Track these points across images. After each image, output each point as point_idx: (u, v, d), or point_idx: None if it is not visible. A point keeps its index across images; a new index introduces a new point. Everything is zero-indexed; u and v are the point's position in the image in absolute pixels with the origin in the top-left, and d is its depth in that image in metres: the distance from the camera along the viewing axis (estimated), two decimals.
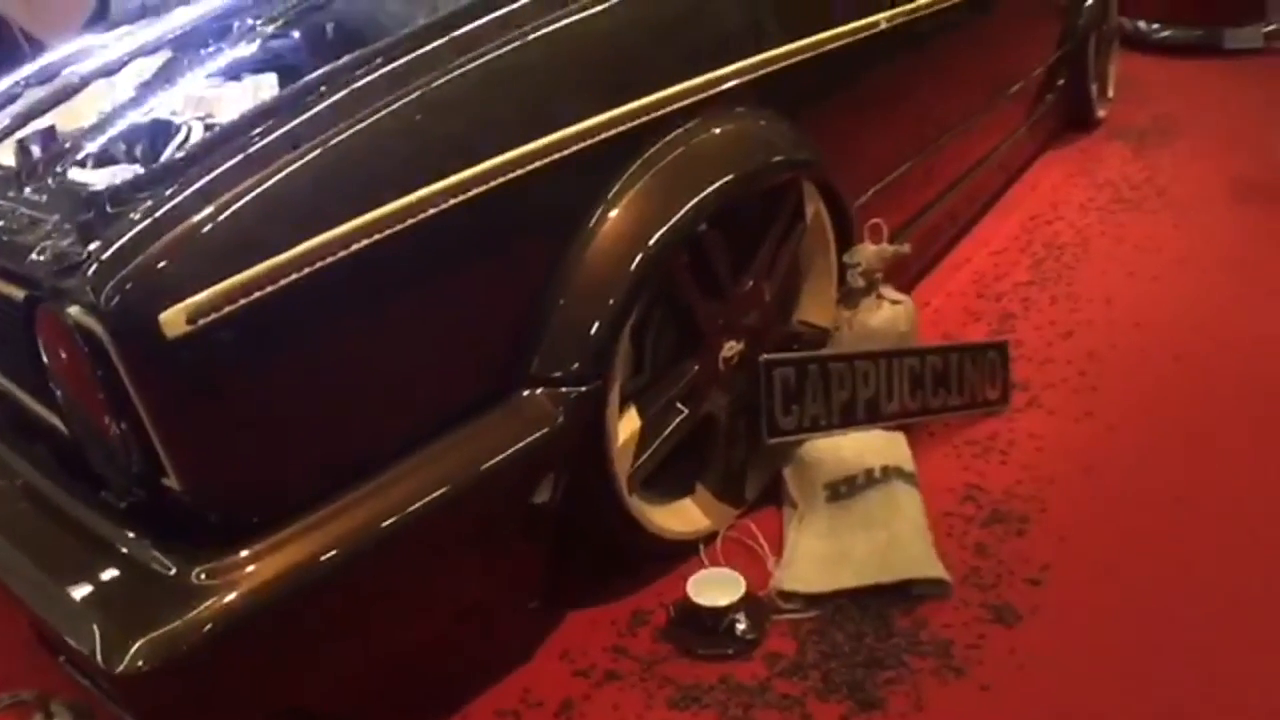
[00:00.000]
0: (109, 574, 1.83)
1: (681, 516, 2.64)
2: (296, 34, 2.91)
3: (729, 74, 2.53)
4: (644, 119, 2.31)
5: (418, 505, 1.94)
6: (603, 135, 2.22)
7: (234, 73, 2.57)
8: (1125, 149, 5.82)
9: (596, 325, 2.18)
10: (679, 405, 2.54)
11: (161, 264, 1.64)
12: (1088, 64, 5.82)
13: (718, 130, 2.49)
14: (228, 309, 1.65)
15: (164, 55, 2.84)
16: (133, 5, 3.70)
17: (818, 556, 2.56)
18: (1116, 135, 6.06)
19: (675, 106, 2.39)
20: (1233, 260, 4.32)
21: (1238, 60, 8.13)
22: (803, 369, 2.69)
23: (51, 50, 3.20)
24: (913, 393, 2.93)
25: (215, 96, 2.49)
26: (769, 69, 2.65)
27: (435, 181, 1.92)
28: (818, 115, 2.90)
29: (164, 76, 2.71)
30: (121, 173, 2.25)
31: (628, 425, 2.38)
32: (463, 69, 2.06)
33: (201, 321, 1.63)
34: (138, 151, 2.37)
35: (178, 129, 2.38)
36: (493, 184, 2.01)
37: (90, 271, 1.66)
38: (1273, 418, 3.18)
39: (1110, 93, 6.44)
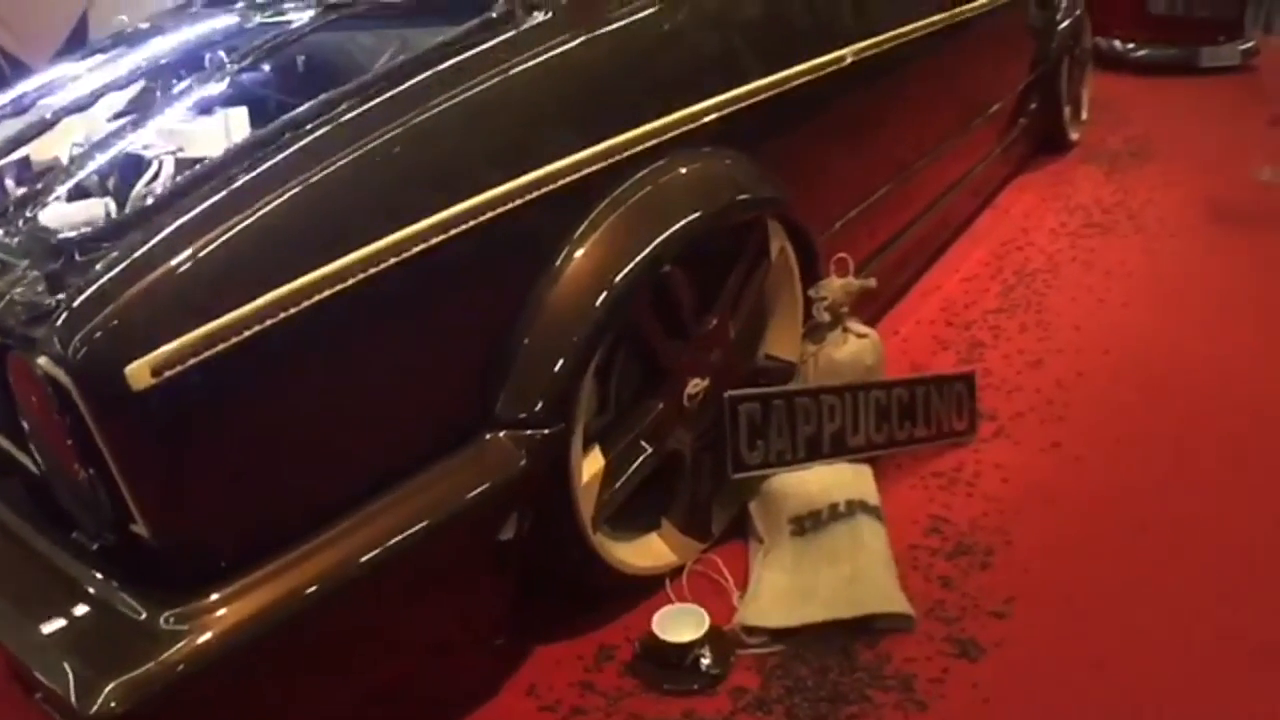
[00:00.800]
0: (82, 616, 1.88)
1: (647, 552, 2.69)
2: (267, 67, 2.96)
3: (695, 114, 2.59)
4: (610, 160, 2.36)
5: (383, 548, 1.99)
6: (570, 177, 2.27)
7: (205, 106, 2.60)
8: (1098, 172, 5.91)
9: (559, 368, 2.23)
10: (643, 444, 2.59)
11: (126, 317, 1.68)
12: (1060, 87, 5.91)
13: (684, 170, 2.54)
14: (192, 361, 1.70)
15: (136, 87, 2.88)
16: (112, 26, 3.74)
17: (782, 591, 2.60)
18: (1090, 158, 6.15)
19: (641, 147, 2.44)
20: (1201, 285, 4.41)
21: (1214, 79, 8.22)
22: (768, 404, 2.74)
23: (31, 75, 3.23)
24: (879, 425, 2.98)
25: (186, 130, 2.53)
26: (735, 107, 2.71)
27: (401, 228, 1.97)
28: (785, 151, 2.97)
29: (136, 109, 2.77)
30: (93, 208, 2.31)
31: (591, 465, 2.43)
32: (428, 114, 2.11)
33: (167, 374, 1.67)
34: (110, 184, 2.41)
35: (149, 163, 2.43)
36: (460, 228, 2.05)
37: (58, 322, 1.70)
38: (1239, 445, 3.25)
39: (1084, 115, 6.53)
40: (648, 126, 2.45)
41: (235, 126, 2.59)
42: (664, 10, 2.62)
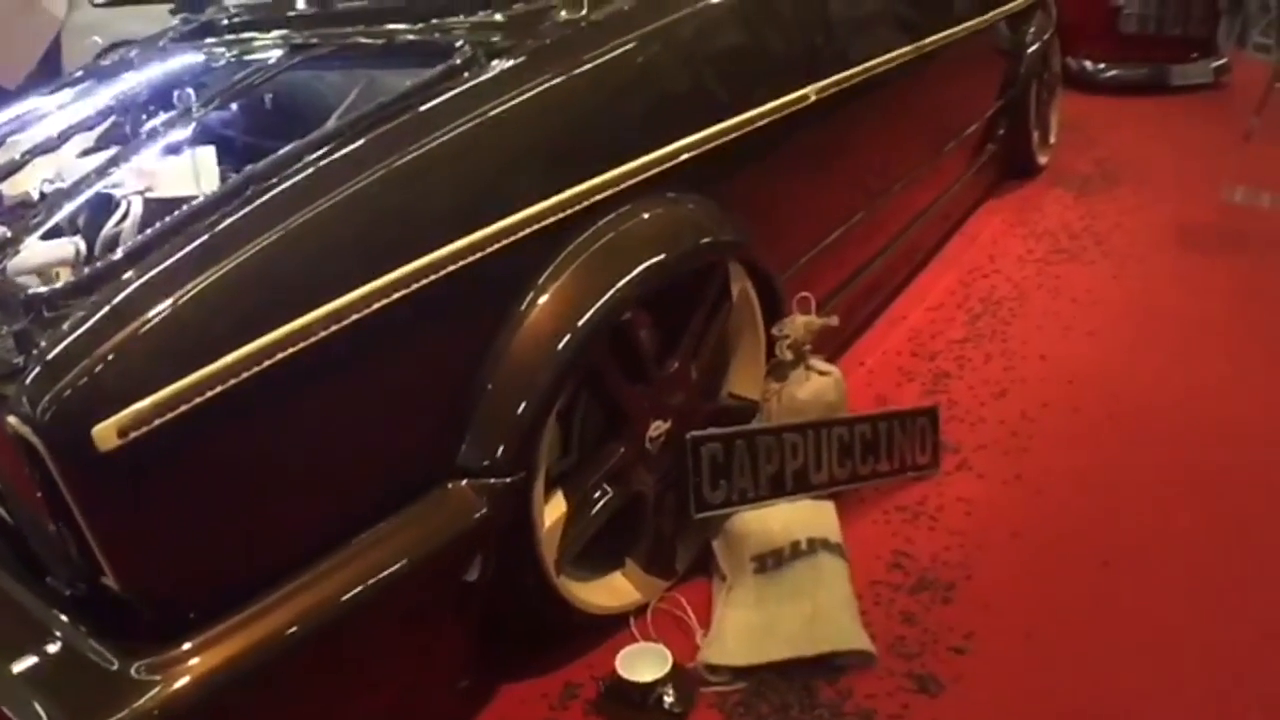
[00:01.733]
0: (55, 664, 1.95)
1: (611, 591, 2.75)
2: (235, 107, 3.02)
3: (658, 159, 2.66)
4: (575, 208, 2.44)
5: (347, 597, 2.05)
6: (534, 226, 2.34)
7: (173, 145, 2.66)
8: (1066, 196, 6.00)
9: (521, 415, 2.29)
10: (606, 487, 2.66)
11: (93, 378, 1.74)
12: (1029, 112, 5.99)
13: (647, 215, 2.61)
14: (158, 421, 1.76)
15: (105, 124, 2.94)
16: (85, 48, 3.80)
17: (745, 628, 2.67)
18: (1058, 182, 6.24)
19: (605, 194, 2.51)
20: (1170, 311, 4.49)
21: (1186, 97, 8.31)
22: (730, 444, 2.81)
23: (3, 97, 3.29)
24: (841, 461, 3.06)
25: (154, 170, 2.59)
26: (698, 151, 2.78)
27: (366, 283, 2.03)
28: (748, 192, 3.05)
29: (105, 146, 2.83)
30: (63, 248, 2.37)
31: (554, 510, 2.49)
32: (392, 167, 2.17)
33: (133, 435, 1.74)
34: (80, 222, 2.46)
35: (118, 203, 2.48)
36: (425, 281, 2.12)
37: (26, 382, 1.76)
38: (1205, 475, 3.33)
39: (1052, 139, 6.61)
40: (611, 174, 2.52)
41: (203, 166, 2.65)
42: (626, 57, 2.69)
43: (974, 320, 4.45)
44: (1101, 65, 8.84)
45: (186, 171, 2.65)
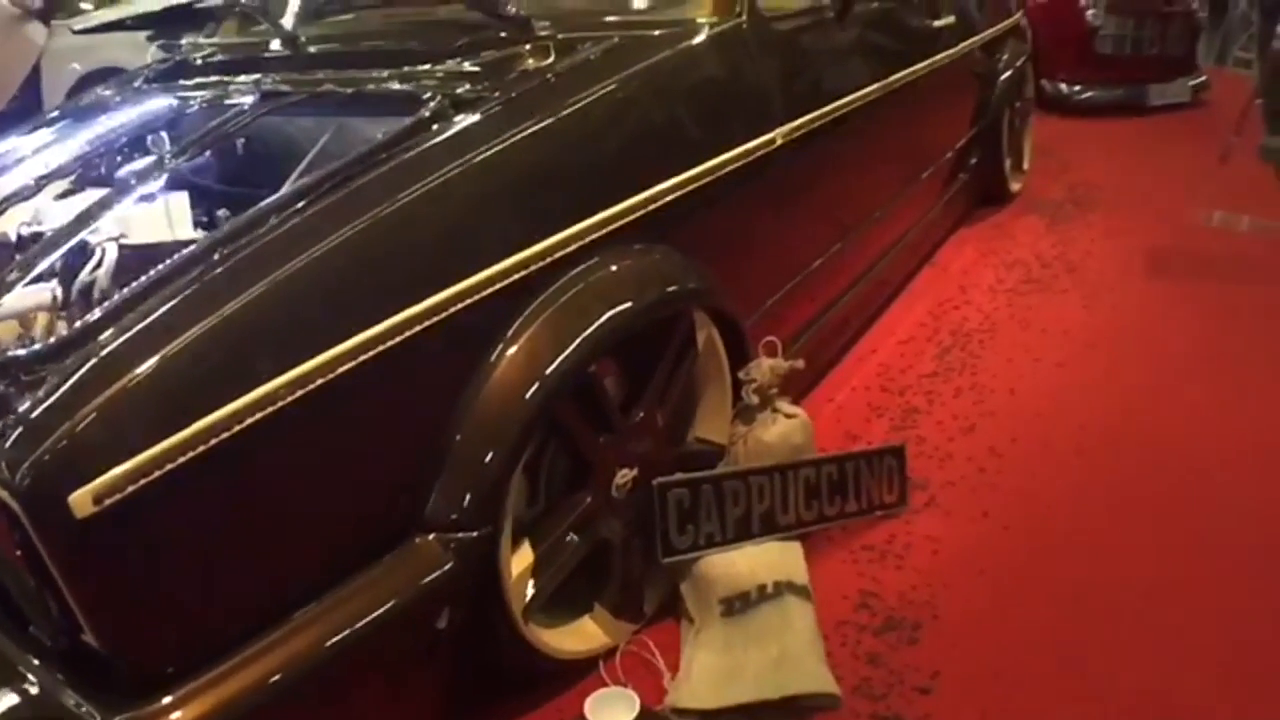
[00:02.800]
0: (35, 716, 2.03)
1: (580, 636, 2.83)
2: (207, 154, 3.10)
3: (626, 210, 2.75)
4: (543, 262, 2.52)
5: (320, 652, 2.13)
6: (503, 282, 2.42)
7: (148, 191, 2.72)
8: (1039, 223, 6.09)
9: (488, 468, 2.37)
10: (573, 535, 2.74)
11: (67, 446, 1.82)
12: (1001, 140, 6.09)
13: (614, 267, 2.69)
14: (130, 488, 1.84)
15: (81, 168, 3.01)
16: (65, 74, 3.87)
17: (712, 671, 2.75)
18: (1031, 208, 6.33)
19: (573, 247, 2.60)
20: (1140, 339, 4.60)
21: (1163, 117, 8.39)
22: (696, 489, 2.89)
23: None
24: (808, 503, 3.14)
25: (128, 216, 2.65)
26: (665, 200, 2.87)
27: (337, 344, 2.11)
28: (716, 238, 3.15)
29: (81, 189, 2.90)
30: (40, 294, 2.44)
31: (521, 559, 2.58)
32: (362, 226, 2.25)
33: (107, 501, 1.82)
34: (56, 267, 2.53)
35: (93, 250, 2.55)
36: (397, 338, 2.20)
37: (5, 446, 1.84)
38: (1173, 510, 3.41)
39: (1025, 165, 6.70)
40: (579, 226, 2.61)
41: (176, 212, 2.72)
42: (592, 108, 2.78)
43: (944, 353, 4.54)
44: (1078, 87, 8.95)
45: (160, 218, 2.71)
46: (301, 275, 2.13)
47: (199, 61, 3.74)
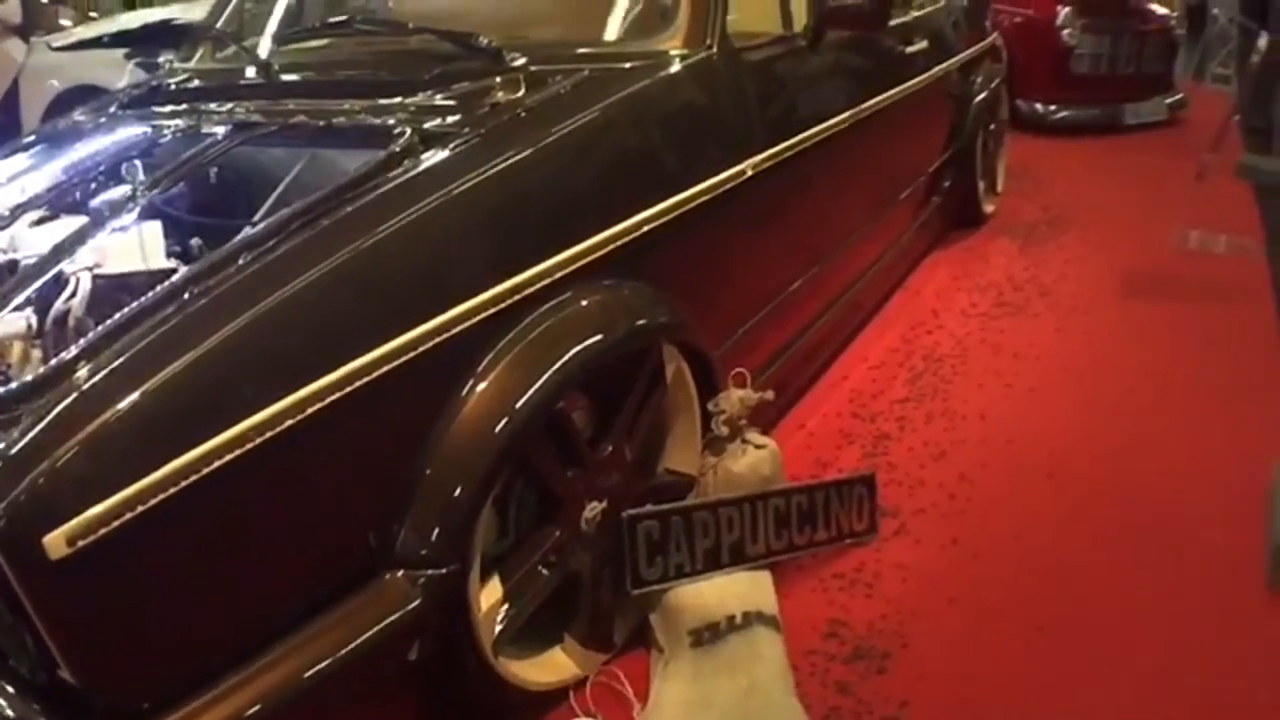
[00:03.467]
0: None
1: (550, 668, 2.86)
2: (182, 183, 3.13)
3: (596, 245, 2.79)
4: (515, 299, 2.57)
5: (292, 687, 2.17)
6: (475, 319, 2.47)
7: (122, 221, 2.75)
8: (1012, 245, 6.15)
9: (456, 505, 2.41)
10: (542, 569, 2.77)
11: (42, 487, 1.86)
12: (975, 163, 6.15)
13: (584, 302, 2.74)
14: (103, 530, 1.88)
15: (56, 197, 3.03)
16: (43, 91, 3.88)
17: (681, 702, 2.79)
18: (1004, 230, 6.39)
19: (544, 283, 2.64)
20: (1112, 363, 4.65)
21: (1139, 136, 8.45)
22: (666, 521, 2.94)
23: None
24: (778, 533, 3.18)
25: (102, 245, 2.68)
26: (636, 234, 2.91)
27: (310, 382, 2.15)
28: (687, 270, 3.21)
29: (56, 216, 2.93)
30: (15, 322, 2.46)
31: (491, 594, 2.61)
32: (333, 265, 2.29)
33: (81, 543, 1.85)
34: (31, 296, 2.56)
35: (68, 280, 2.58)
36: (369, 377, 2.24)
37: None
38: (1140, 535, 3.46)
39: (999, 187, 6.74)
40: (550, 262, 2.65)
41: (149, 241, 2.74)
42: (564, 143, 2.83)
43: (915, 379, 4.59)
44: (1053, 107, 9.00)
45: (134, 247, 2.73)
46: (271, 316, 2.17)
47: (173, 87, 3.77)
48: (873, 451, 4.01)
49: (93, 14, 10.71)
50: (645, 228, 2.94)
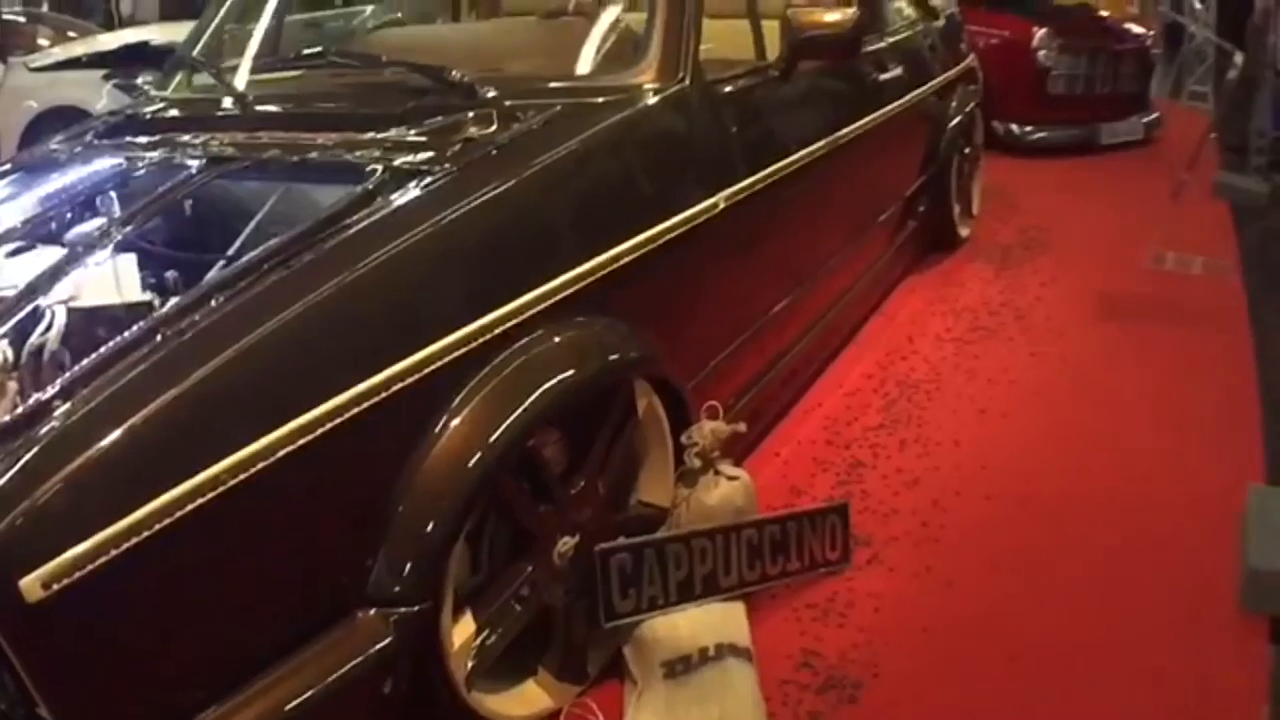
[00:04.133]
0: None
1: (524, 700, 2.90)
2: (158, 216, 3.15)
3: (569, 281, 2.84)
4: (487, 337, 2.61)
5: None
6: (449, 358, 2.51)
7: (97, 253, 2.78)
8: (988, 269, 6.20)
9: (428, 542, 2.45)
10: (515, 604, 2.80)
11: (17, 531, 1.89)
12: (950, 187, 6.20)
13: (557, 339, 2.78)
14: (78, 574, 1.91)
15: (32, 229, 3.06)
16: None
17: None
18: (980, 254, 6.44)
19: (516, 321, 2.69)
20: (1087, 388, 4.71)
21: (1116, 156, 8.49)
22: (639, 554, 2.98)
23: None
24: (751, 563, 3.22)
25: (78, 278, 2.70)
26: (608, 270, 2.96)
27: (285, 423, 2.19)
28: (661, 305, 3.26)
29: (33, 246, 2.95)
30: None
31: (463, 629, 2.65)
32: (305, 306, 2.33)
33: (56, 587, 1.89)
34: (7, 329, 2.58)
35: (43, 314, 2.61)
36: (341, 418, 2.28)
37: None
38: (1116, 564, 3.50)
39: (975, 210, 6.78)
40: (522, 300, 2.70)
41: (124, 275, 2.78)
42: (534, 180, 2.88)
43: (890, 405, 4.63)
44: (1029, 128, 9.04)
45: (109, 281, 2.77)
46: (244, 358, 2.21)
47: (149, 117, 3.80)
48: (846, 479, 4.05)
49: (71, 34, 10.71)
50: (617, 263, 2.98)
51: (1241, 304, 5.55)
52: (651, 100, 3.37)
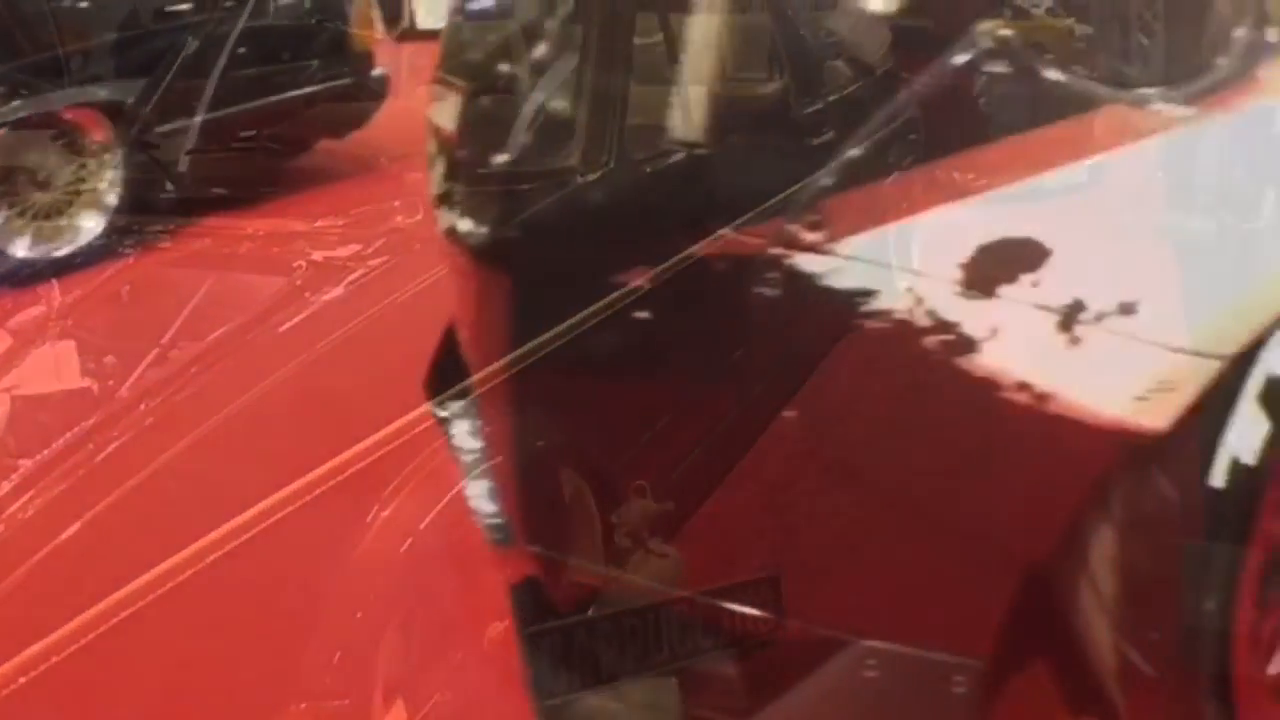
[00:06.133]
0: None
1: None
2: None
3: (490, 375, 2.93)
4: (410, 434, 2.70)
5: None
6: (374, 456, 2.60)
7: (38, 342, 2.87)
8: None
9: (356, 634, 2.54)
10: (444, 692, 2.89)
11: None
12: None
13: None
14: None
15: None
16: None
17: None
18: None
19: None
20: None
21: None
22: (569, 634, 3.06)
23: None
24: (682, 639, 3.29)
25: (19, 367, 2.80)
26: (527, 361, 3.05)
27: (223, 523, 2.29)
28: (583, 391, 3.32)
29: None
30: None
31: (397, 717, 2.73)
32: (239, 405, 2.43)
33: None
34: None
35: None
36: (282, 512, 2.38)
37: None
38: None
39: None
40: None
41: (62, 365, 2.87)
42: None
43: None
44: None
45: (49, 368, 2.85)
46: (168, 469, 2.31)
47: None
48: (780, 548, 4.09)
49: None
50: (538, 355, 3.08)
51: None
52: (576, 186, 3.47)
